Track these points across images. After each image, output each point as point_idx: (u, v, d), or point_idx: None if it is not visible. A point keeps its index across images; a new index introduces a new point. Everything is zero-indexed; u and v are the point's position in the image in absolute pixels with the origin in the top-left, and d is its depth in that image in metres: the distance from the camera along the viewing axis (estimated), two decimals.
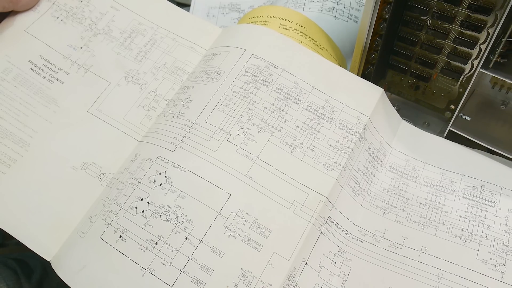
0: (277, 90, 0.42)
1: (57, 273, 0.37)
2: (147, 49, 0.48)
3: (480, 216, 0.41)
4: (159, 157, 0.40)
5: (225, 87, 0.42)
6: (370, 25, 0.43)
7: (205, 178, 0.38)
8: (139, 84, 0.46)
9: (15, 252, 0.65)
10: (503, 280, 0.38)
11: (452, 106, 0.46)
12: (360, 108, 0.43)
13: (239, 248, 0.36)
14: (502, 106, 0.45)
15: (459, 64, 0.44)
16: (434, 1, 0.41)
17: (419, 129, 0.46)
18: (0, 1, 0.44)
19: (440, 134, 0.46)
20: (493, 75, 0.40)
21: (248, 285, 0.35)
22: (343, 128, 0.42)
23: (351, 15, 0.53)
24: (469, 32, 0.41)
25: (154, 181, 0.39)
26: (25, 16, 0.47)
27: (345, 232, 0.40)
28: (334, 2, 0.53)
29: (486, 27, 0.40)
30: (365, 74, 0.48)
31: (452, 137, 0.45)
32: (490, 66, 0.40)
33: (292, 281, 0.36)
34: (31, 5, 0.47)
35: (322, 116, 0.42)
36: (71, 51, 0.46)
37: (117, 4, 0.49)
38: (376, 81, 0.48)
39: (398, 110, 0.47)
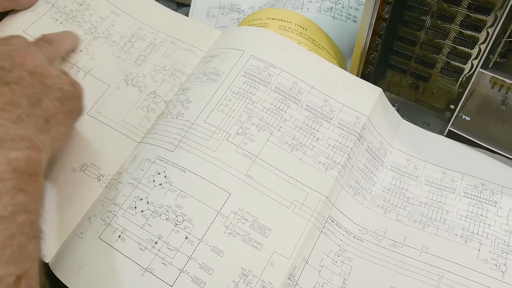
0: (276, 90, 0.42)
1: (56, 274, 0.37)
2: (146, 53, 0.48)
3: (481, 215, 0.41)
4: (158, 157, 0.40)
5: (224, 87, 0.42)
6: (370, 25, 0.43)
7: (205, 178, 0.38)
8: (138, 86, 0.46)
9: None
10: (504, 279, 0.38)
11: (452, 106, 0.46)
12: (358, 107, 0.43)
13: (239, 247, 0.36)
14: (502, 106, 0.45)
15: (459, 64, 0.44)
16: (434, 1, 0.41)
17: (420, 128, 0.46)
18: (0, 1, 0.44)
19: (439, 134, 0.46)
20: (493, 75, 0.40)
21: (249, 284, 0.35)
22: (342, 127, 0.42)
23: (349, 15, 0.53)
24: (469, 32, 0.41)
25: (154, 181, 0.39)
26: (24, 17, 0.47)
27: (346, 231, 0.40)
28: (332, 2, 0.53)
29: (486, 27, 0.40)
30: (365, 74, 0.48)
31: (452, 137, 0.45)
32: (490, 66, 0.40)
33: (293, 280, 0.36)
34: (31, 4, 0.47)
35: (321, 116, 0.42)
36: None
37: (118, 9, 0.49)
38: (376, 81, 0.48)
39: (398, 110, 0.47)
